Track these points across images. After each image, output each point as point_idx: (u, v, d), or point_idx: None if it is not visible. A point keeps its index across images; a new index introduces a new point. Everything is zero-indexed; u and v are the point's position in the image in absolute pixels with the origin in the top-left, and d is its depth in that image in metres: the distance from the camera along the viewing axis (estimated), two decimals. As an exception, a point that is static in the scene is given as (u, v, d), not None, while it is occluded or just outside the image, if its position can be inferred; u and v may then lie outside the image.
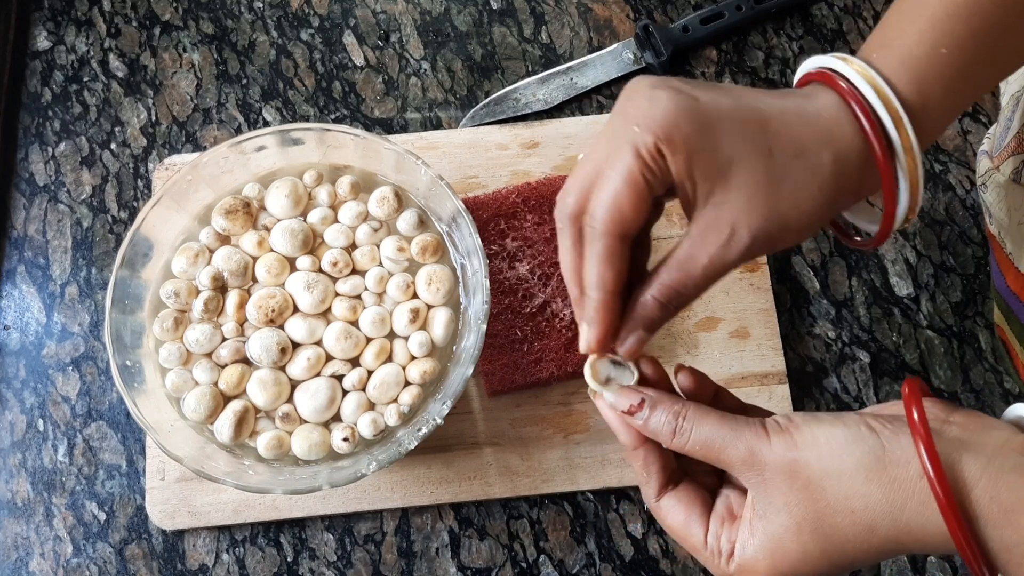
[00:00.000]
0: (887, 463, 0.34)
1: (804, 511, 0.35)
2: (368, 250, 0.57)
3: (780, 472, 0.35)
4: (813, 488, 0.34)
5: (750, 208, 0.36)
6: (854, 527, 0.34)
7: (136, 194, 0.69)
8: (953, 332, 0.65)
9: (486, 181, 0.67)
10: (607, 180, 0.37)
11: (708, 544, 0.37)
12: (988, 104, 0.70)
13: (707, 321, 0.64)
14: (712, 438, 0.36)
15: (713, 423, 0.37)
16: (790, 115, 0.37)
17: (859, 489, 0.34)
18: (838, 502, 0.34)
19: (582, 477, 0.60)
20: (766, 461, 0.35)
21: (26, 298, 0.67)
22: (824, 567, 0.35)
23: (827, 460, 0.34)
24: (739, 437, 0.36)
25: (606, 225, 0.37)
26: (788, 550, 0.35)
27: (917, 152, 0.37)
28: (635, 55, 0.71)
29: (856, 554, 0.35)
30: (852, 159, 0.37)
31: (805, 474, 0.35)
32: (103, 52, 0.73)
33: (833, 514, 0.34)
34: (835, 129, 0.37)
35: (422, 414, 0.54)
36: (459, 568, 0.60)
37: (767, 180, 0.36)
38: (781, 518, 0.35)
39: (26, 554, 0.61)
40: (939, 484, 0.32)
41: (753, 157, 0.36)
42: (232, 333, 0.55)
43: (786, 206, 0.36)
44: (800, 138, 0.37)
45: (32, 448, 0.63)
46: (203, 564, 0.61)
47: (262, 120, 0.71)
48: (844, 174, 0.37)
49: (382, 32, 0.73)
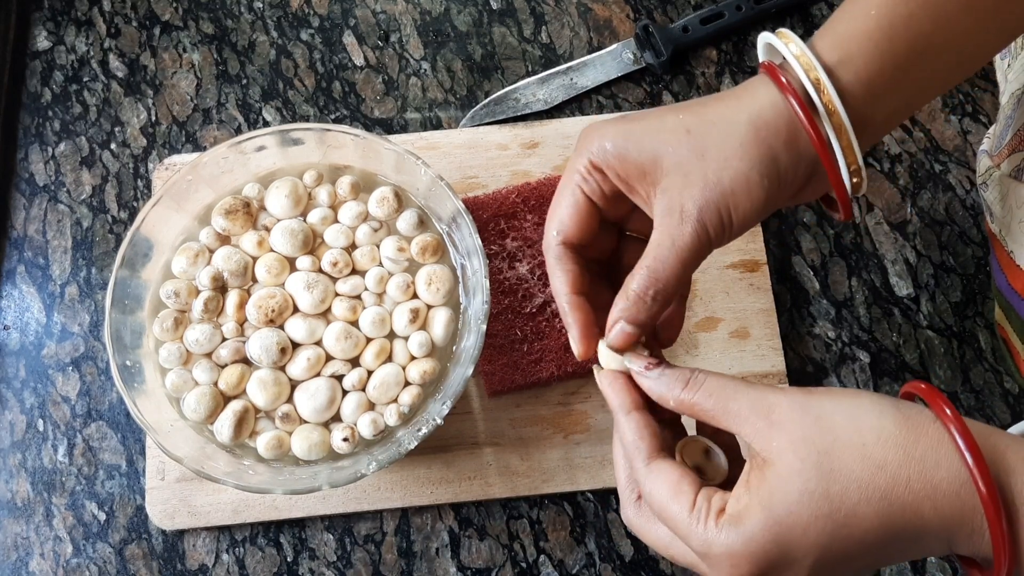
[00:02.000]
0: (900, 406, 0.34)
1: (810, 446, 0.33)
2: (368, 250, 0.57)
3: (791, 408, 0.34)
4: (823, 421, 0.34)
5: (687, 184, 0.39)
6: (862, 462, 0.32)
7: (136, 194, 0.69)
8: (953, 332, 0.65)
9: (486, 181, 0.67)
10: (556, 200, 0.43)
11: (696, 504, 0.35)
12: (988, 104, 0.70)
13: (707, 321, 0.64)
14: (723, 387, 0.37)
15: (726, 378, 0.38)
16: (706, 100, 0.41)
17: (872, 422, 0.33)
18: (848, 435, 0.33)
19: (582, 477, 0.60)
20: (777, 401, 0.35)
21: (26, 298, 0.67)
22: (823, 514, 0.32)
23: (841, 398, 0.35)
24: (751, 387, 0.37)
25: (551, 235, 0.42)
26: (787, 491, 0.33)
27: (840, 110, 0.38)
28: (635, 55, 0.71)
29: (859, 498, 0.32)
30: (766, 113, 0.39)
31: (817, 409, 0.34)
32: (103, 52, 0.73)
33: (841, 448, 0.33)
34: (745, 93, 0.40)
35: (422, 414, 0.54)
36: (459, 568, 0.60)
37: (695, 153, 0.39)
38: (784, 457, 0.33)
39: (26, 554, 0.61)
40: (954, 419, 0.32)
41: (675, 142, 0.39)
42: (232, 333, 0.55)
43: (716, 169, 0.39)
44: (713, 112, 0.40)
45: (32, 448, 0.63)
46: (203, 564, 0.61)
47: (262, 120, 0.71)
48: (763, 127, 0.39)
49: (382, 32, 0.73)
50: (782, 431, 0.34)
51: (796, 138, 0.39)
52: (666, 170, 0.39)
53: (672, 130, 0.40)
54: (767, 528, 0.33)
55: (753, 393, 0.36)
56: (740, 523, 0.33)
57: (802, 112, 0.38)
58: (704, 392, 0.37)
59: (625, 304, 0.40)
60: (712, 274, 0.64)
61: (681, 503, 0.35)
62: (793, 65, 0.39)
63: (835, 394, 0.35)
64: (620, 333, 0.40)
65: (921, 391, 0.34)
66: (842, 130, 0.38)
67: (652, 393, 0.39)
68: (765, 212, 0.40)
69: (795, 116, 0.38)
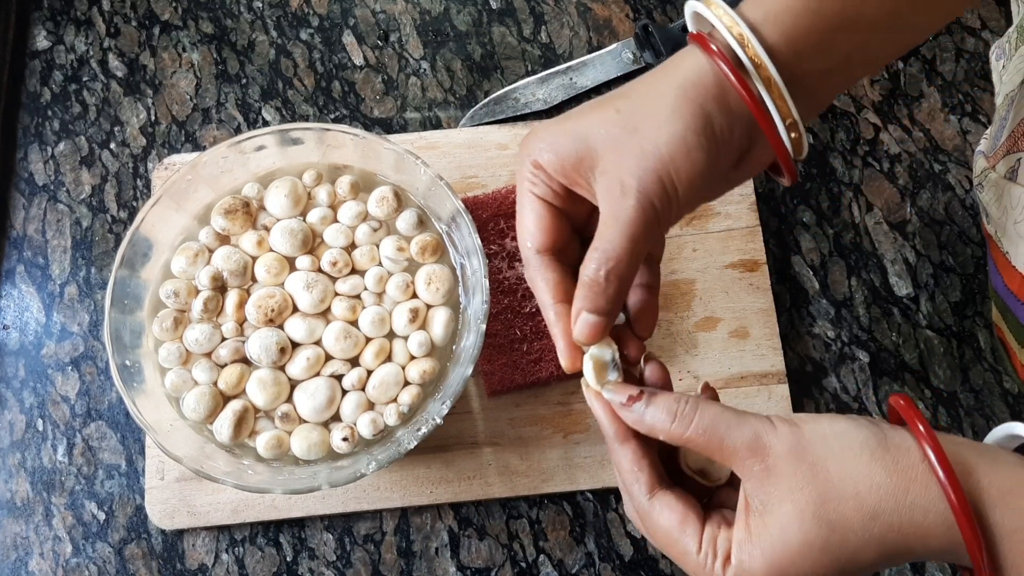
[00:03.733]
0: (889, 447, 0.34)
1: (807, 495, 0.34)
2: (367, 250, 0.57)
3: (785, 455, 0.35)
4: (818, 470, 0.34)
5: (622, 158, 0.38)
6: (858, 512, 0.33)
7: (135, 194, 0.69)
8: (952, 332, 0.65)
9: (486, 181, 0.67)
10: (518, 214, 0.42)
11: (702, 546, 0.36)
12: (987, 104, 0.70)
13: (706, 321, 0.64)
14: (716, 423, 0.36)
15: (716, 409, 0.37)
16: (634, 80, 0.40)
17: (864, 470, 0.34)
18: (843, 484, 0.34)
19: (581, 477, 0.60)
20: (771, 445, 0.35)
21: (25, 298, 0.67)
22: (824, 563, 0.34)
23: (832, 442, 0.35)
24: (744, 422, 0.36)
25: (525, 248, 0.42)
26: (788, 543, 0.34)
27: (767, 62, 0.37)
28: (635, 55, 0.71)
29: (858, 546, 0.34)
30: (695, 77, 0.38)
31: (811, 456, 0.34)
32: (102, 52, 0.73)
33: (837, 498, 0.34)
34: (674, 64, 0.39)
35: (421, 414, 0.54)
36: (459, 568, 0.60)
37: (623, 131, 0.38)
38: (783, 507, 0.34)
39: (25, 554, 0.61)
40: (939, 459, 0.32)
41: (604, 123, 0.39)
42: (231, 333, 0.55)
43: (650, 139, 0.38)
44: (642, 87, 0.40)
45: (31, 448, 0.63)
46: (202, 564, 0.61)
47: (261, 120, 0.71)
48: (692, 91, 0.38)
49: (381, 32, 0.73)
50: (779, 479, 0.35)
51: (726, 95, 0.38)
52: (600, 153, 0.39)
53: (600, 114, 0.39)
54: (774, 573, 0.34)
55: (747, 431, 0.36)
56: (747, 573, 0.35)
57: (727, 68, 0.37)
58: (695, 429, 0.36)
59: (583, 292, 0.39)
60: (712, 274, 0.64)
61: (687, 544, 0.36)
62: (717, 26, 0.38)
63: (826, 436, 0.35)
64: (584, 325, 0.39)
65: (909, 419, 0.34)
66: (771, 83, 0.37)
67: (639, 428, 0.38)
68: (709, 179, 0.39)
69: (721, 74, 0.38)
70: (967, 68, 0.72)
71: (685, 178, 0.38)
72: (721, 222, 0.66)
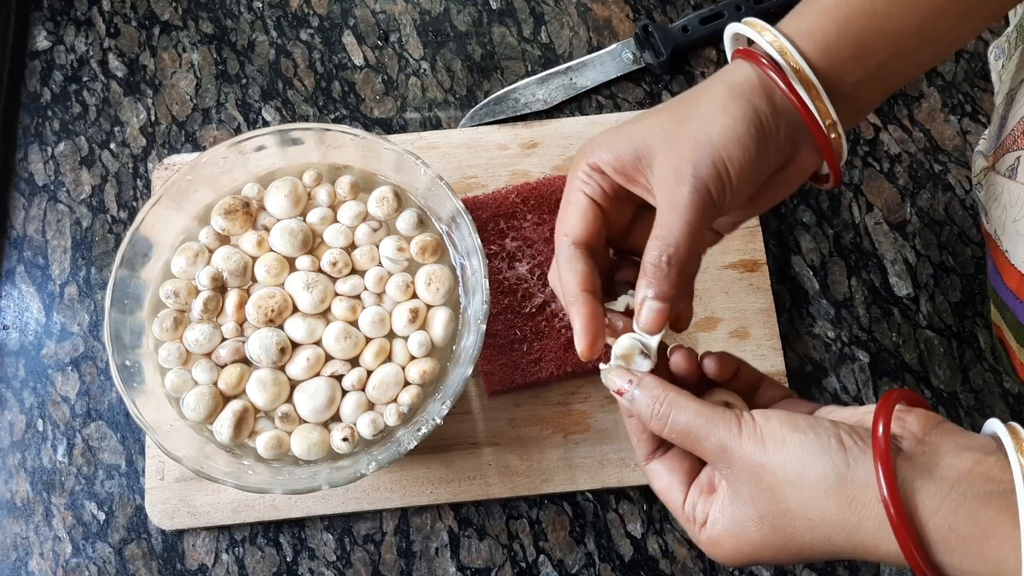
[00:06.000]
0: (848, 482, 0.35)
1: (767, 508, 0.37)
2: (367, 250, 0.57)
3: (747, 471, 0.37)
4: (776, 492, 0.36)
5: (676, 148, 0.41)
6: (811, 533, 0.36)
7: (136, 194, 0.69)
8: (952, 332, 0.65)
9: (486, 181, 0.67)
10: (562, 208, 0.45)
11: (685, 510, 0.40)
12: (987, 104, 0.70)
13: (707, 321, 0.64)
14: (688, 428, 0.39)
15: (690, 414, 0.39)
16: (691, 89, 0.44)
17: (818, 502, 0.35)
18: (798, 509, 0.36)
19: (581, 477, 0.60)
20: (735, 458, 0.37)
21: (25, 298, 0.67)
22: (784, 556, 0.38)
23: (791, 468, 0.36)
24: (712, 432, 0.38)
25: (561, 239, 0.44)
26: (751, 535, 0.38)
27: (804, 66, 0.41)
28: (635, 55, 0.71)
29: (814, 553, 0.37)
30: (742, 78, 0.42)
31: (769, 479, 0.36)
32: (102, 52, 0.73)
33: (793, 519, 0.36)
34: (722, 73, 0.43)
35: (421, 414, 0.54)
36: (459, 568, 0.60)
37: (676, 125, 0.42)
38: (747, 508, 0.37)
39: (25, 554, 0.61)
40: (896, 514, 0.33)
41: (659, 122, 0.42)
42: (231, 333, 0.55)
43: (702, 128, 0.41)
44: (693, 92, 0.43)
45: (31, 448, 0.63)
46: (202, 564, 0.61)
47: (261, 120, 0.71)
48: (740, 88, 0.42)
49: (381, 32, 0.73)
50: (743, 486, 0.37)
51: (772, 94, 0.42)
52: (655, 147, 0.41)
53: (654, 117, 0.43)
54: (738, 554, 0.39)
55: (714, 441, 0.38)
56: (718, 545, 0.39)
57: (772, 71, 0.41)
58: (669, 431, 0.39)
59: (646, 279, 0.41)
60: (712, 274, 0.64)
61: (674, 504, 0.41)
62: (758, 40, 0.42)
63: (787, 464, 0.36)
64: (649, 312, 0.41)
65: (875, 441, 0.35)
66: (810, 85, 0.41)
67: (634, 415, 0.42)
68: (760, 169, 0.42)
69: (766, 76, 0.41)
70: (967, 68, 0.72)
71: (737, 164, 0.40)
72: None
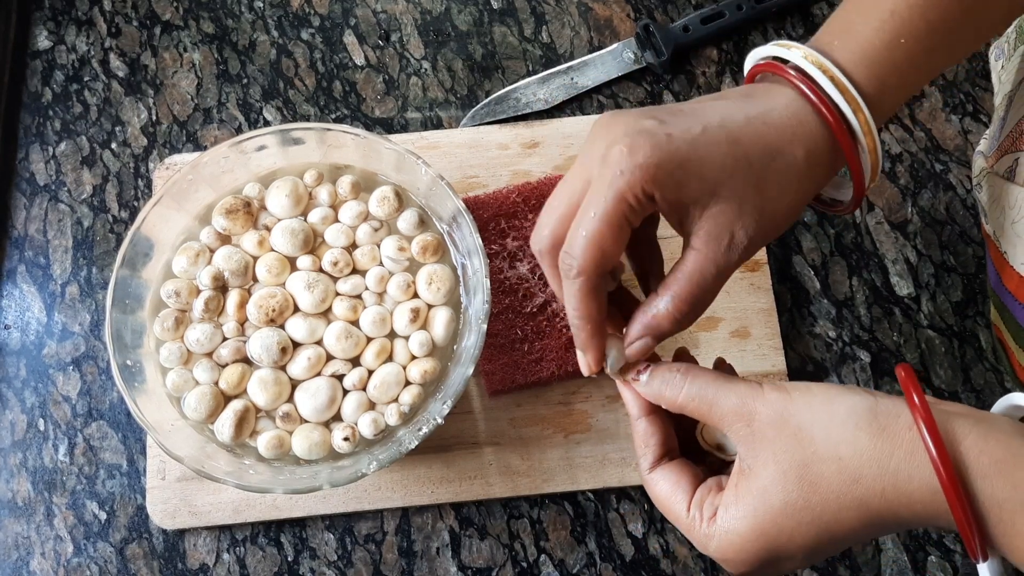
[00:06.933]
0: (878, 413, 0.34)
1: (790, 458, 0.35)
2: (368, 250, 0.57)
3: (770, 420, 0.36)
4: (802, 435, 0.35)
5: (742, 213, 0.38)
6: (839, 475, 0.34)
7: (136, 194, 0.69)
8: (954, 332, 0.65)
9: (487, 181, 0.67)
10: (587, 220, 0.38)
11: (691, 510, 0.38)
12: (988, 104, 0.70)
13: (708, 321, 0.64)
14: (705, 389, 0.38)
15: (708, 376, 0.38)
16: (757, 123, 0.39)
17: (848, 435, 0.34)
18: (826, 448, 0.34)
19: (582, 477, 0.60)
20: (757, 410, 0.36)
21: (27, 298, 0.67)
22: (806, 522, 0.35)
23: (819, 408, 0.35)
24: (732, 389, 0.37)
25: (585, 263, 0.38)
26: (771, 503, 0.35)
27: (874, 132, 0.40)
28: (635, 55, 0.71)
29: (840, 508, 0.34)
30: (820, 147, 0.40)
31: (795, 420, 0.35)
32: (104, 52, 0.73)
33: (819, 461, 0.34)
34: (800, 126, 0.40)
35: (422, 414, 0.54)
36: (460, 568, 0.60)
37: (753, 186, 0.39)
38: (767, 469, 0.36)
39: (27, 553, 0.61)
40: (928, 428, 0.33)
41: (735, 172, 0.38)
42: (233, 333, 0.55)
43: (772, 204, 0.39)
44: (772, 142, 0.39)
45: (33, 448, 0.63)
46: (204, 564, 0.61)
47: (262, 120, 0.71)
48: (816, 163, 0.40)
49: (382, 32, 0.73)
50: (764, 443, 0.36)
51: (834, 165, 0.41)
52: (721, 197, 0.38)
53: (734, 157, 0.39)
54: (755, 538, 0.36)
55: (733, 399, 0.37)
56: (730, 533, 0.36)
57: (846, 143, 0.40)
58: (685, 394, 0.38)
59: (656, 323, 0.40)
60: (712, 274, 0.64)
61: (679, 507, 0.39)
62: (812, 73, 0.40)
63: (813, 403, 0.36)
64: (642, 347, 0.40)
65: (905, 387, 0.35)
66: (874, 149, 0.40)
67: (647, 396, 0.40)
68: None
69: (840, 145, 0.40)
70: (968, 68, 0.71)
71: (779, 232, 0.41)
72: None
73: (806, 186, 0.40)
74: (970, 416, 0.34)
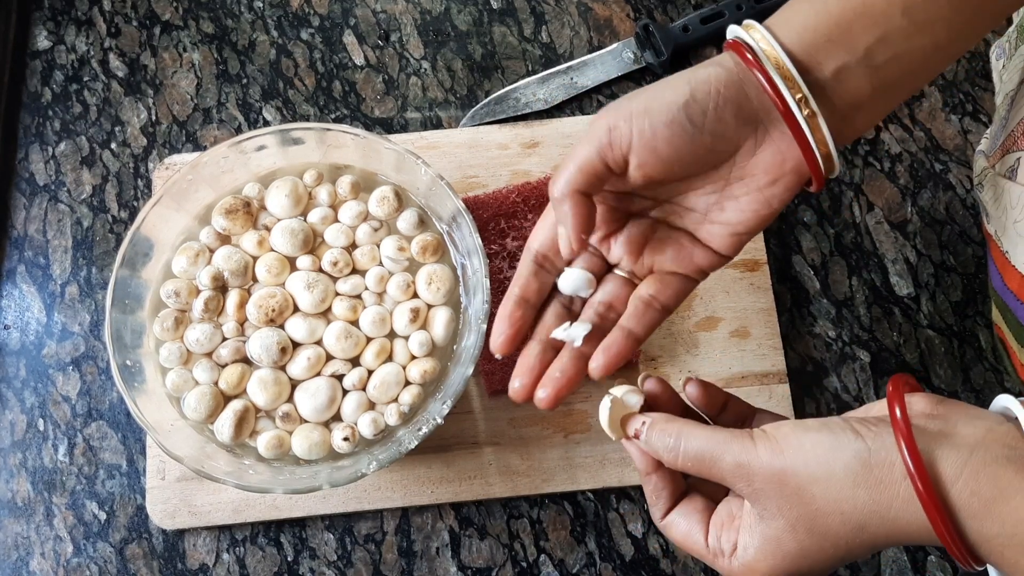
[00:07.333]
0: (872, 466, 0.35)
1: (797, 514, 0.36)
2: (368, 250, 0.57)
3: (770, 481, 0.37)
4: (803, 493, 0.36)
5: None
6: (845, 526, 0.36)
7: (136, 194, 0.69)
8: (953, 332, 0.65)
9: (486, 181, 0.67)
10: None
11: (709, 546, 0.40)
12: (988, 104, 0.70)
13: (707, 321, 0.64)
14: (702, 453, 0.38)
15: (702, 438, 0.39)
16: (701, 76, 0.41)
17: (847, 493, 0.35)
18: (828, 505, 0.36)
19: (582, 476, 0.60)
20: (755, 471, 0.37)
21: (26, 298, 0.67)
22: (822, 560, 0.37)
23: (814, 466, 0.36)
24: (727, 451, 0.38)
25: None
26: (787, 549, 0.37)
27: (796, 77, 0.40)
28: (635, 55, 0.71)
29: (850, 547, 0.36)
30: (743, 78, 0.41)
31: (794, 481, 0.36)
32: (103, 52, 0.73)
33: (825, 516, 0.36)
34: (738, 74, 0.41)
35: (422, 414, 0.54)
36: (459, 568, 0.60)
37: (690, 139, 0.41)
38: (777, 521, 0.37)
39: (26, 553, 0.61)
40: (922, 484, 0.33)
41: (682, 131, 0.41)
42: (232, 333, 0.55)
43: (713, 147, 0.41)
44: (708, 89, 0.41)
45: (32, 448, 0.63)
46: (203, 564, 0.61)
47: (262, 120, 0.71)
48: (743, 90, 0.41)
49: (382, 32, 0.73)
50: (768, 498, 0.37)
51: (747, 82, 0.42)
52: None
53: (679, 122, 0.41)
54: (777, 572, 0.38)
55: (729, 459, 0.38)
56: (755, 570, 0.38)
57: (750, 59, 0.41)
58: (684, 459, 0.39)
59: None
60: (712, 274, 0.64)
61: (697, 546, 0.40)
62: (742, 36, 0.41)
63: (808, 460, 0.36)
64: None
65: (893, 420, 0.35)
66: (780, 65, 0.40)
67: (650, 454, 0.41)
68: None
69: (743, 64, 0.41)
70: (968, 68, 0.71)
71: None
72: (722, 222, 0.65)
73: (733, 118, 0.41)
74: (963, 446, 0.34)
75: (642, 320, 0.44)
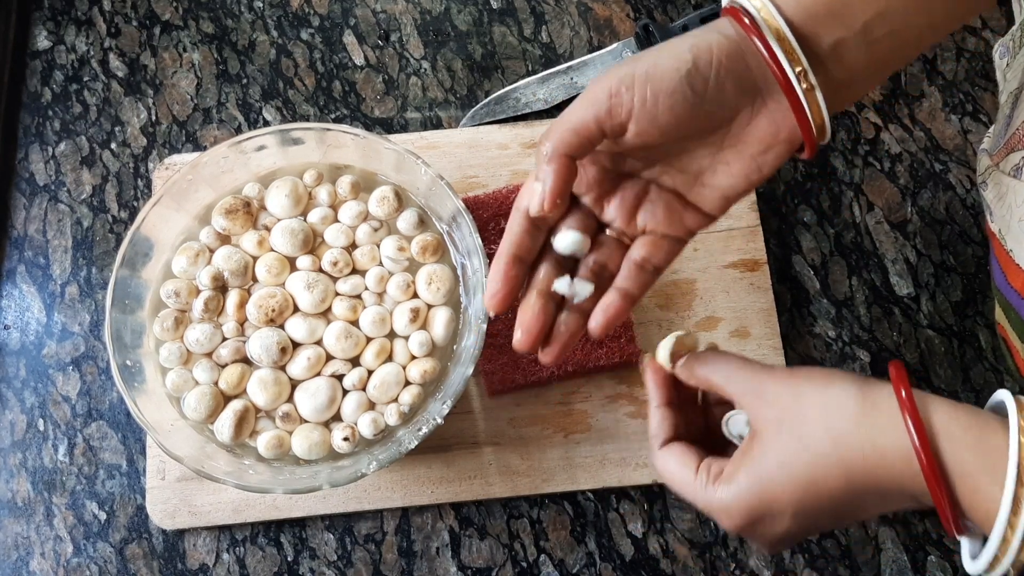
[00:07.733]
0: (867, 389, 0.39)
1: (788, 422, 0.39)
2: (368, 250, 0.57)
3: (777, 389, 0.40)
4: (802, 399, 0.40)
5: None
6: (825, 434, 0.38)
7: (136, 194, 0.69)
8: (953, 332, 0.65)
9: (486, 181, 0.67)
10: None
11: (699, 473, 0.42)
12: (988, 103, 0.70)
13: (707, 320, 0.64)
14: (729, 363, 0.43)
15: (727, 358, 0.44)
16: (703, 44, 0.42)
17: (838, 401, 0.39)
18: (817, 412, 0.39)
19: (582, 476, 0.60)
20: (767, 383, 0.41)
21: (26, 298, 0.67)
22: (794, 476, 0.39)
23: (818, 380, 0.40)
24: (748, 368, 0.42)
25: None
26: (768, 461, 0.39)
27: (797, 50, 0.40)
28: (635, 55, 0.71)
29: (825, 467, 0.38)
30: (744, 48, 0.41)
31: (796, 388, 0.40)
32: (103, 52, 0.73)
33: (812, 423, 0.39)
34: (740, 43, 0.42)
35: (422, 414, 0.54)
36: (459, 568, 0.60)
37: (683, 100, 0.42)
38: (768, 431, 0.40)
39: (26, 554, 0.61)
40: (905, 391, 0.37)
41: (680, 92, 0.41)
42: (232, 333, 0.55)
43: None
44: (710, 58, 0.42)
45: (32, 448, 0.63)
46: (203, 564, 0.61)
47: (262, 120, 0.71)
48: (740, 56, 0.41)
49: (382, 32, 0.73)
50: (770, 408, 0.40)
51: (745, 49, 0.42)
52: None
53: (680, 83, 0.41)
54: (751, 488, 0.40)
55: (748, 373, 0.42)
56: (731, 483, 0.40)
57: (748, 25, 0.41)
58: (711, 367, 0.43)
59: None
60: (712, 273, 0.64)
61: (686, 474, 0.42)
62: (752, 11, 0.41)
63: (814, 377, 0.40)
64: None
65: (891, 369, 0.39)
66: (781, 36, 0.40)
67: (681, 377, 0.45)
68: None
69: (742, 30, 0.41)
70: (968, 67, 0.71)
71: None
72: (722, 222, 0.65)
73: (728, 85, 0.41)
74: (948, 401, 0.37)
75: (637, 281, 0.46)
